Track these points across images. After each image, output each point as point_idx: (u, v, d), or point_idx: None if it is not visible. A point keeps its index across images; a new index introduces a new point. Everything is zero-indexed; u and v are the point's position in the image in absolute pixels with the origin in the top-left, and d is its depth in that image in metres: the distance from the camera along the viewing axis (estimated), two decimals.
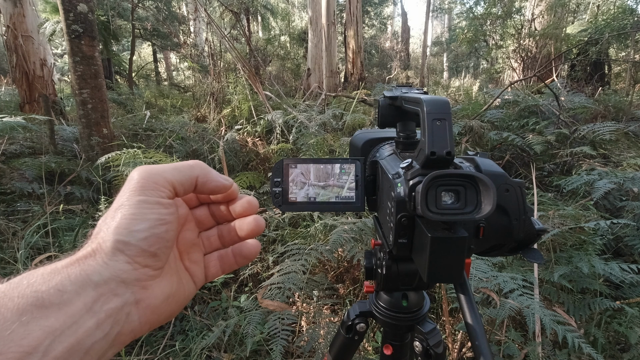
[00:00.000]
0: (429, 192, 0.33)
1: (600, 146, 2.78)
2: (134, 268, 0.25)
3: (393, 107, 0.49)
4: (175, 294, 0.29)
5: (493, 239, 0.40)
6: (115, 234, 0.25)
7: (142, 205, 0.26)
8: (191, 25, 9.77)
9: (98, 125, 2.70)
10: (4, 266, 1.62)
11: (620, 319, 1.36)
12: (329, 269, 1.79)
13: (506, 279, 1.25)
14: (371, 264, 0.52)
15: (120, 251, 0.25)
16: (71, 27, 2.50)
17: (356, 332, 0.60)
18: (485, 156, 0.44)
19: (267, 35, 11.44)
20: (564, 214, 1.66)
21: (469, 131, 3.05)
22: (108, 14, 6.03)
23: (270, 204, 2.35)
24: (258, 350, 1.38)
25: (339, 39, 9.72)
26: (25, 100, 4.44)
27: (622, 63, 5.90)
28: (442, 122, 0.35)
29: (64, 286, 0.22)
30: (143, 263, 0.26)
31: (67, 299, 0.22)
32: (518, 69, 6.01)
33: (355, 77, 8.05)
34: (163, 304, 0.27)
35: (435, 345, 0.53)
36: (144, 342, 1.39)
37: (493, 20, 6.42)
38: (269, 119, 3.18)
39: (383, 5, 16.73)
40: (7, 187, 2.22)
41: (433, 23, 25.46)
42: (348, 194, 0.48)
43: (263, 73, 6.45)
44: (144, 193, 0.27)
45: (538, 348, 1.20)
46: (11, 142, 2.88)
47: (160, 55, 12.45)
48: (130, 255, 0.25)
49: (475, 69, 14.47)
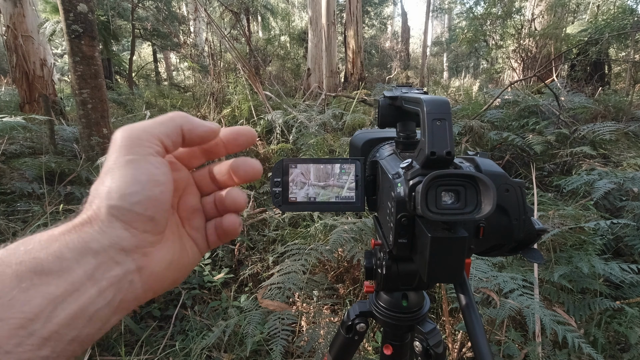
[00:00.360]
0: (429, 192, 0.33)
1: (600, 146, 2.79)
2: (132, 235, 0.24)
3: (393, 107, 0.49)
4: (178, 261, 0.28)
5: (493, 239, 0.40)
6: (108, 199, 0.24)
7: (131, 166, 0.24)
8: (191, 25, 9.77)
9: (98, 125, 2.70)
10: None
11: (620, 319, 1.36)
12: (329, 269, 1.79)
13: (506, 279, 1.25)
14: (371, 264, 0.52)
15: (115, 217, 0.23)
16: (71, 27, 2.50)
17: (356, 332, 0.60)
18: (485, 156, 0.44)
19: (267, 35, 11.44)
20: (564, 214, 1.66)
21: (469, 131, 3.05)
22: (108, 14, 6.03)
23: (270, 204, 2.35)
24: (258, 350, 1.38)
25: (339, 39, 9.72)
26: (25, 100, 4.44)
27: (622, 63, 5.90)
28: (442, 122, 0.35)
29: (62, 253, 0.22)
30: (141, 229, 0.24)
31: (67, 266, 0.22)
32: (518, 69, 6.02)
33: (355, 77, 8.05)
34: (166, 271, 0.27)
35: (435, 345, 0.53)
36: (144, 342, 1.39)
37: (493, 20, 6.42)
38: (269, 119, 3.18)
39: (383, 5, 16.73)
40: (7, 187, 2.22)
41: (433, 23, 25.49)
42: (348, 194, 0.48)
43: (263, 73, 6.45)
44: (130, 152, 0.25)
45: (538, 348, 1.20)
46: (11, 142, 2.88)
47: (160, 55, 12.45)
48: (127, 221, 0.24)
49: (475, 69, 14.47)
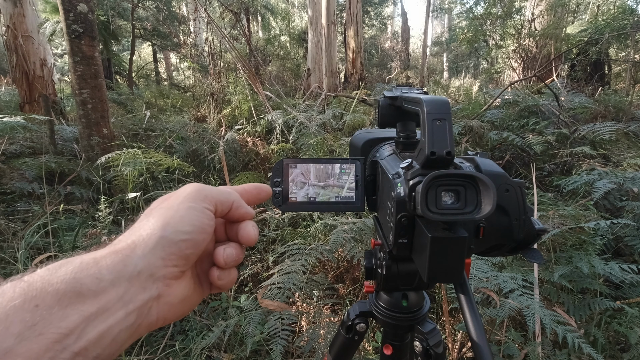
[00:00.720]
0: (429, 192, 0.33)
1: (600, 146, 2.78)
2: (165, 265, 0.27)
3: (393, 107, 0.49)
4: (189, 297, 0.31)
5: (493, 239, 0.40)
6: (162, 229, 0.27)
7: (191, 212, 0.29)
8: (191, 25, 9.77)
9: (98, 125, 2.70)
10: (4, 266, 1.62)
11: (620, 319, 1.36)
12: (329, 269, 1.79)
13: (506, 279, 1.25)
14: (371, 264, 0.52)
15: (161, 246, 0.27)
16: (71, 27, 2.50)
17: (356, 332, 0.60)
18: (485, 156, 0.44)
19: (267, 35, 11.43)
20: (564, 214, 1.66)
21: (469, 131, 3.05)
22: (108, 14, 6.03)
23: (270, 204, 2.35)
24: (258, 350, 1.38)
25: (339, 39, 9.72)
26: (25, 100, 4.44)
27: (622, 63, 5.90)
28: (442, 122, 0.36)
29: (101, 274, 0.24)
30: (173, 262, 0.27)
31: (103, 287, 0.24)
32: (518, 69, 6.01)
33: (355, 77, 8.04)
34: (179, 304, 0.29)
35: (435, 345, 0.53)
36: (144, 342, 1.39)
37: (493, 20, 6.42)
38: (269, 119, 3.18)
39: (383, 5, 16.73)
40: (7, 187, 2.22)
41: (433, 23, 25.47)
42: (348, 194, 0.48)
43: (263, 73, 6.45)
44: (194, 202, 0.30)
45: (538, 348, 1.20)
46: (11, 142, 2.88)
47: (160, 55, 12.45)
48: (167, 252, 0.27)
49: (475, 69, 14.47)
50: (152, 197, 2.21)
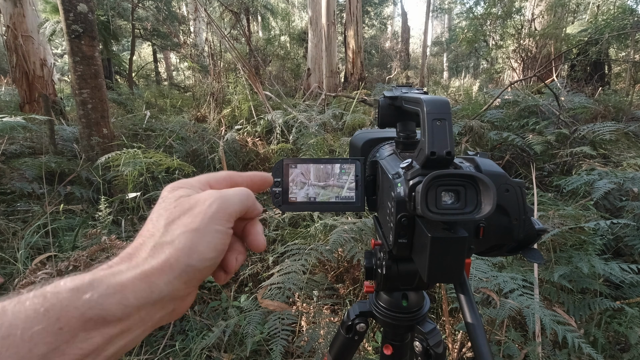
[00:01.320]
0: (429, 192, 0.33)
1: (600, 146, 2.78)
2: (187, 287, 0.28)
3: (393, 107, 0.49)
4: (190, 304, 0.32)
5: (493, 239, 0.40)
6: (189, 256, 0.27)
7: (217, 236, 0.29)
8: (191, 25, 9.77)
9: (98, 125, 2.70)
10: (4, 266, 1.62)
11: (620, 319, 1.36)
12: (329, 269, 1.79)
13: (506, 279, 1.25)
14: (371, 264, 0.52)
15: (185, 274, 0.27)
16: (71, 27, 2.50)
17: (356, 332, 0.60)
18: (485, 156, 0.44)
19: (267, 35, 11.43)
20: (564, 214, 1.66)
21: (469, 131, 3.05)
22: (108, 14, 6.03)
23: (270, 204, 2.35)
24: (258, 350, 1.38)
25: (339, 39, 9.72)
26: (25, 100, 4.44)
27: (622, 63, 5.90)
28: (442, 122, 0.35)
29: (128, 301, 0.24)
30: (194, 285, 0.28)
31: (129, 312, 0.24)
32: (518, 69, 6.01)
33: (355, 77, 8.04)
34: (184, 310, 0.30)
35: (435, 345, 0.53)
36: (144, 342, 1.39)
37: (493, 20, 6.42)
38: (269, 119, 3.18)
39: (383, 5, 16.72)
40: (7, 187, 2.21)
41: (433, 23, 25.49)
42: (348, 194, 0.48)
43: (263, 73, 6.45)
44: (220, 224, 0.29)
45: (538, 348, 1.20)
46: (11, 142, 2.88)
47: (160, 55, 12.44)
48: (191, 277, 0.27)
49: (475, 69, 14.47)
50: (152, 197, 2.21)
